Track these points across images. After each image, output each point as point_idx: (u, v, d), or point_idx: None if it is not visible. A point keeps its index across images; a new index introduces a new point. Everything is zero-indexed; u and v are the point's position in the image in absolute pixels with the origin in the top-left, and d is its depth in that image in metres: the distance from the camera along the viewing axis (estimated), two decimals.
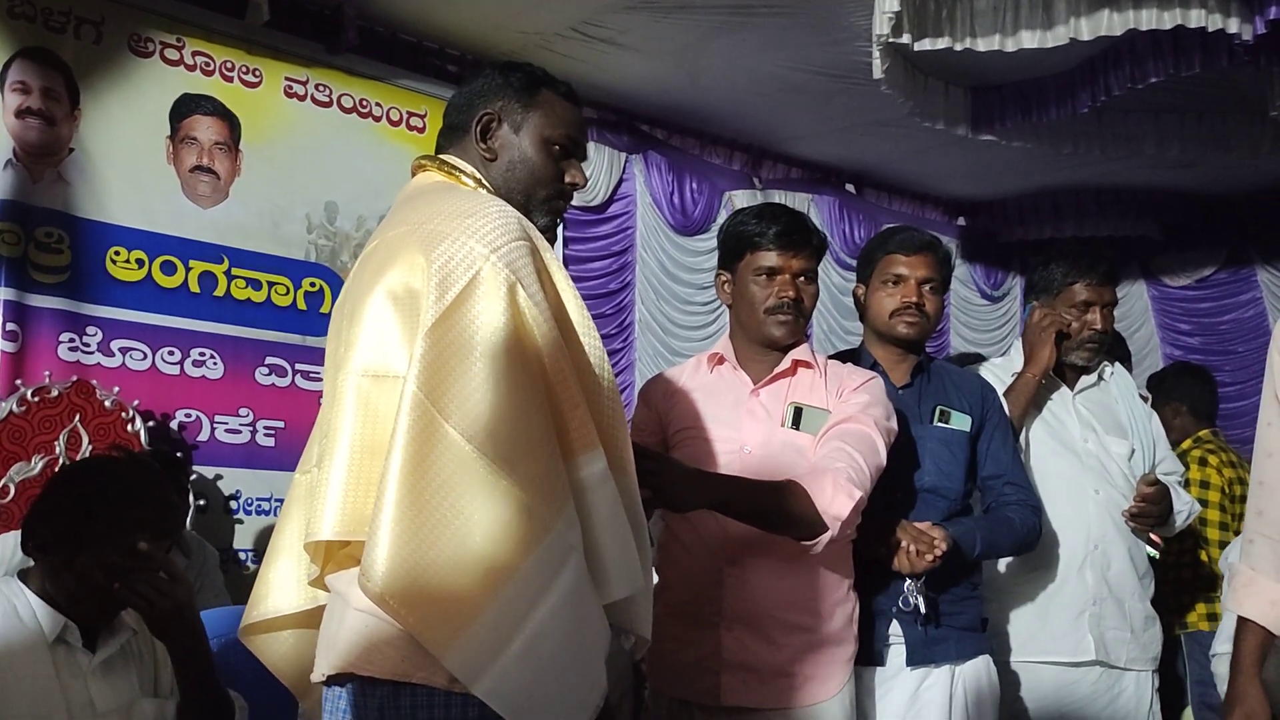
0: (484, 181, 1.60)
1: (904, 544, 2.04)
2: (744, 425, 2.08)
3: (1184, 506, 2.65)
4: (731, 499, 1.84)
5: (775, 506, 1.85)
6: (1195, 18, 4.00)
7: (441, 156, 1.65)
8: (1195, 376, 3.89)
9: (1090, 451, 2.62)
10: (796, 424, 2.07)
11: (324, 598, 1.47)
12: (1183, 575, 3.59)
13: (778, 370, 2.13)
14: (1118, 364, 2.83)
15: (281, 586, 1.55)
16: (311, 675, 1.45)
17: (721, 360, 2.20)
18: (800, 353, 2.15)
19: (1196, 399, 3.77)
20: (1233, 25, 4.02)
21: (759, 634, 1.99)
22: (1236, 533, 3.35)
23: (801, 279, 2.13)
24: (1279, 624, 1.77)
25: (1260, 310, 7.16)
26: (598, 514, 1.40)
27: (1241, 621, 1.81)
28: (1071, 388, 2.69)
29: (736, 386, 2.15)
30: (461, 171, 1.61)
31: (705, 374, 2.20)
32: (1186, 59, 4.47)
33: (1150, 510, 2.54)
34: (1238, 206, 7.05)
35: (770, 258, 2.12)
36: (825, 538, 1.86)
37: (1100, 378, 2.73)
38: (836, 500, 1.84)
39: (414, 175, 1.67)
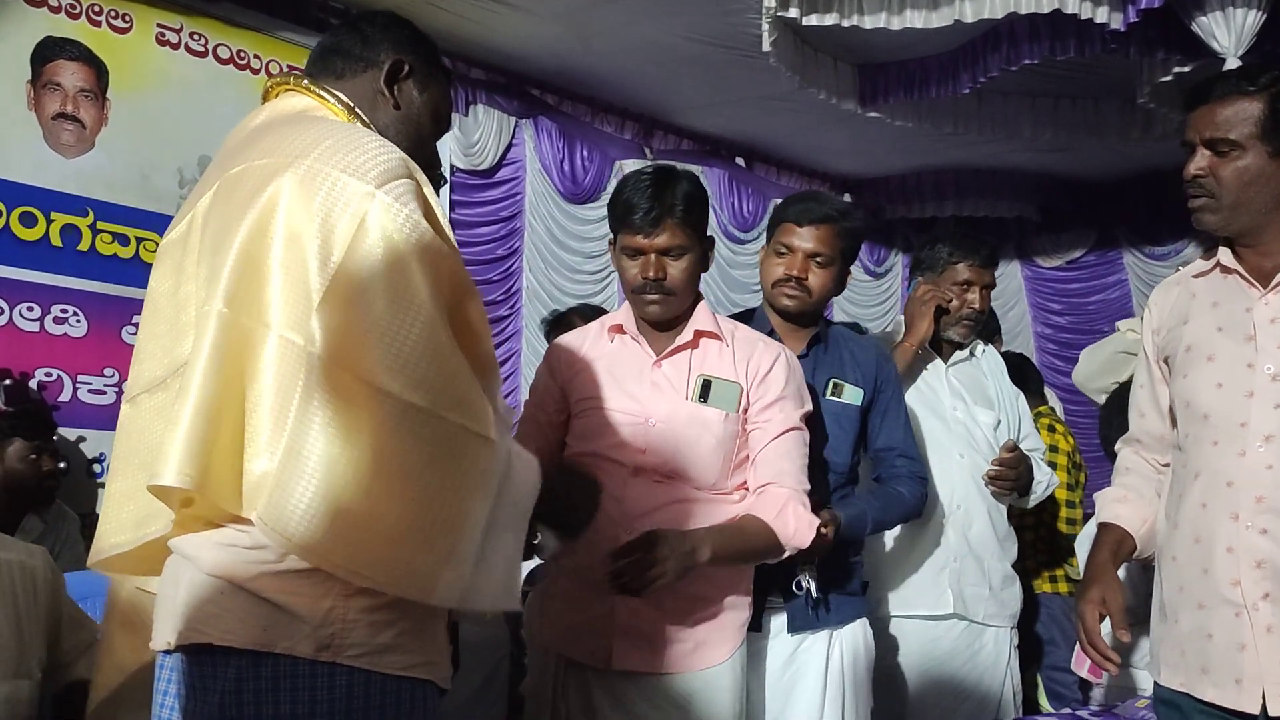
0: (364, 119, 1.50)
1: None
2: (648, 398, 2.03)
3: (1044, 478, 2.76)
4: (711, 555, 1.92)
5: (743, 549, 1.98)
6: (1071, 3, 4.13)
7: (321, 83, 1.52)
8: (1024, 362, 4.25)
9: (958, 419, 2.71)
10: (704, 397, 2.02)
11: (156, 532, 1.37)
12: (1024, 538, 3.75)
13: (679, 342, 2.06)
14: (990, 345, 2.93)
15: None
16: (151, 643, 1.38)
17: (621, 330, 2.12)
18: (702, 322, 2.07)
19: (1030, 381, 4.03)
20: (1102, 14, 4.17)
21: (653, 601, 1.94)
22: (1086, 497, 3.50)
23: (668, 256, 2.01)
24: (1145, 541, 1.95)
25: (1125, 292, 7.45)
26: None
27: (1105, 524, 1.98)
28: (946, 360, 2.77)
29: (639, 358, 2.08)
30: (343, 103, 1.50)
31: (607, 343, 2.12)
32: (1061, 44, 4.62)
33: (1008, 474, 2.63)
34: (1109, 191, 7.30)
35: (636, 240, 2.00)
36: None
37: (973, 354, 2.84)
38: (799, 533, 1.99)
39: (269, 99, 1.55)
